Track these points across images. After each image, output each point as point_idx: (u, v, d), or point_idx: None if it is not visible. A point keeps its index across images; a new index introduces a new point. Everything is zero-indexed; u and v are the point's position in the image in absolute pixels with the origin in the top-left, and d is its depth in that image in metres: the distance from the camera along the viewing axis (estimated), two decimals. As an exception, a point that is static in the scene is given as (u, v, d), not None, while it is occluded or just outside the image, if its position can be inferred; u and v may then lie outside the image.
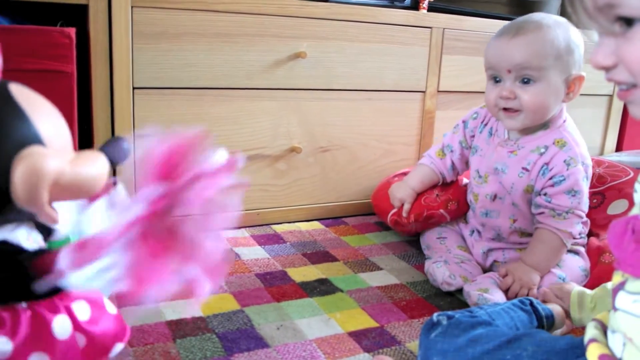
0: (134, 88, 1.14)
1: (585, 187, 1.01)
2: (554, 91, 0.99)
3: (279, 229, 1.31)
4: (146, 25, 1.12)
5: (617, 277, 0.53)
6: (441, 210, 1.17)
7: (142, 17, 1.12)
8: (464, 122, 1.17)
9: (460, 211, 1.19)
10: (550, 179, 1.01)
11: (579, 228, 1.03)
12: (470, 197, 1.15)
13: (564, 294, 0.87)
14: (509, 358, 0.62)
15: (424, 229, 1.22)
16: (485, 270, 1.11)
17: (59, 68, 1.00)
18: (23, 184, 0.44)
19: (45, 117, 0.49)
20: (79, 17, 1.13)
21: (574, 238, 1.03)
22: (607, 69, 0.53)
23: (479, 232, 1.14)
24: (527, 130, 1.04)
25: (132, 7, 1.10)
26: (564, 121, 1.04)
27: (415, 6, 1.58)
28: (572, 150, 1.01)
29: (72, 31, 1.01)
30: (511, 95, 0.99)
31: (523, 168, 1.03)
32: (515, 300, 0.81)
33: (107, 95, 1.12)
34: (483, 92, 1.53)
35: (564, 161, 1.00)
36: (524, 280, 0.98)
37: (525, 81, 0.98)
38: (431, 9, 1.57)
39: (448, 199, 1.18)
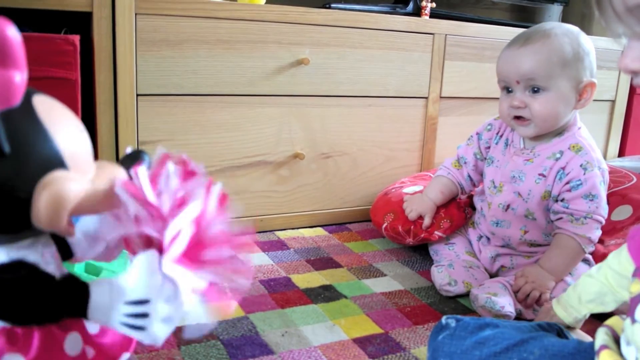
0: (137, 95, 1.14)
1: (602, 192, 1.00)
2: (564, 99, 0.99)
3: (282, 235, 1.31)
4: (149, 33, 1.13)
5: (635, 287, 0.51)
6: (436, 233, 1.16)
7: (145, 25, 1.12)
8: (477, 134, 1.15)
9: (455, 226, 1.18)
10: (567, 183, 1.00)
11: (598, 233, 1.00)
12: (482, 205, 1.14)
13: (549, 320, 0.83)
14: None
15: (421, 243, 1.22)
16: (492, 276, 1.10)
17: (63, 75, 1.00)
18: (46, 211, 0.44)
19: (67, 132, 0.48)
20: (83, 24, 1.14)
21: (593, 243, 1.01)
22: (635, 73, 0.51)
23: (487, 237, 1.13)
24: (541, 138, 1.04)
25: (135, 14, 1.10)
26: (579, 128, 1.04)
27: (417, 12, 1.59)
28: (588, 154, 1.00)
29: (76, 38, 1.01)
30: (522, 105, 1.00)
31: (539, 174, 1.03)
32: (542, 322, 0.75)
33: (111, 102, 1.13)
34: (485, 98, 1.57)
35: (581, 165, 1.00)
36: (537, 283, 0.96)
37: (535, 90, 0.99)
38: (433, 15, 1.58)
39: (440, 218, 1.17)
